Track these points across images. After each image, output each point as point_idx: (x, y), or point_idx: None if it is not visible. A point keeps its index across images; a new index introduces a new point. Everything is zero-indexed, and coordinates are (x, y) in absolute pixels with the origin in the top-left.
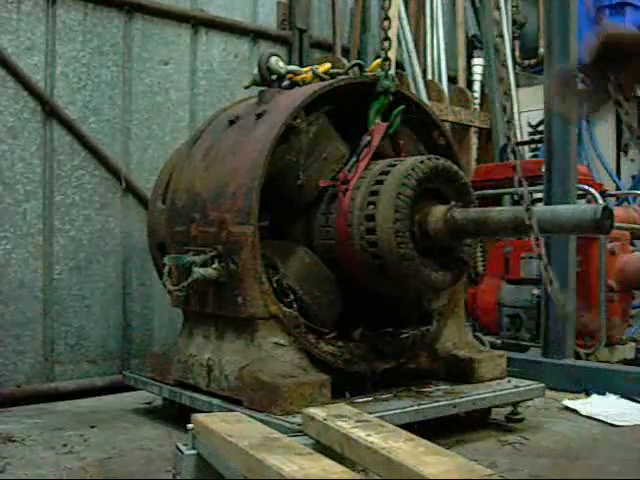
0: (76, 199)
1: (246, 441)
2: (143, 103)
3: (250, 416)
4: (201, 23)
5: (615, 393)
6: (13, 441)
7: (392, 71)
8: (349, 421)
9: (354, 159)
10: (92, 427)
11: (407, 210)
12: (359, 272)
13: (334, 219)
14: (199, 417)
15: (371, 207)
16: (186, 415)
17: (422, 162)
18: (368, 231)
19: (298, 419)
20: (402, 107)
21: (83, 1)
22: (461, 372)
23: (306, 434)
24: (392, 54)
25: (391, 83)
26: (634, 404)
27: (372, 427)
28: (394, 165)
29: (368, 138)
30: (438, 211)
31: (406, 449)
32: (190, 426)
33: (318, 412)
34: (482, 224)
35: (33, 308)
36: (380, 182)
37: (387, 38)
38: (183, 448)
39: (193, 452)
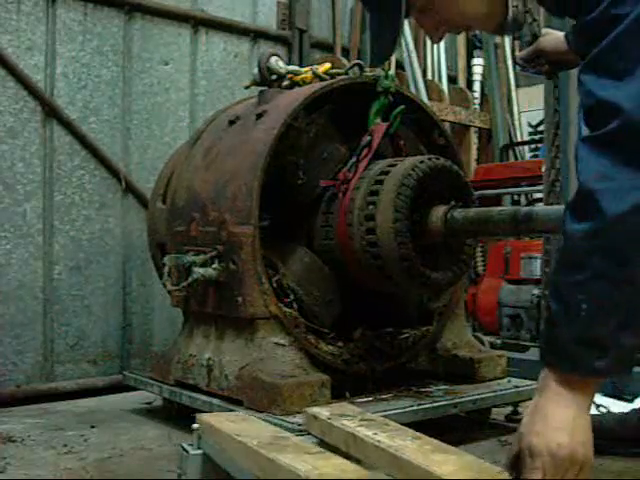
0: (76, 199)
1: (255, 440)
2: (143, 103)
3: (250, 416)
4: (201, 23)
5: (615, 393)
6: (13, 441)
7: (392, 71)
8: (353, 420)
9: (354, 159)
10: (92, 427)
11: (407, 210)
12: (359, 272)
13: (334, 219)
14: (204, 417)
15: (371, 207)
16: (185, 415)
17: (422, 162)
18: (368, 231)
19: (298, 419)
20: (402, 107)
21: (83, 1)
22: (461, 372)
23: (309, 433)
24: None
25: (391, 83)
26: (630, 404)
27: (377, 425)
28: (394, 165)
29: (368, 138)
30: (438, 211)
31: (413, 447)
32: (195, 426)
33: (321, 411)
34: (482, 224)
35: (33, 308)
36: (380, 182)
37: None
38: (189, 448)
39: (199, 452)
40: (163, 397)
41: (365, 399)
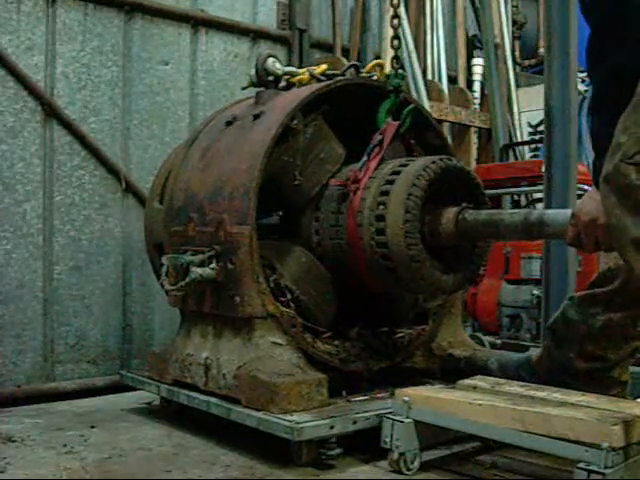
0: (76, 199)
1: (498, 401)
2: (143, 103)
3: (248, 415)
4: (201, 23)
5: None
6: (13, 441)
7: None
8: (509, 386)
9: (365, 158)
10: (92, 427)
11: (417, 211)
12: (368, 272)
13: (344, 219)
14: (408, 391)
15: (381, 207)
16: (185, 414)
17: (434, 162)
18: (378, 232)
19: (296, 417)
20: (413, 106)
21: (83, 1)
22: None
23: None
24: (389, 53)
25: (401, 81)
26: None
27: (533, 388)
28: (405, 165)
29: (380, 137)
30: (449, 212)
31: (589, 399)
32: (406, 398)
33: (481, 383)
34: (493, 226)
35: (33, 308)
36: (391, 182)
37: (396, 37)
38: (400, 418)
39: (410, 420)
40: (160, 396)
41: (361, 397)
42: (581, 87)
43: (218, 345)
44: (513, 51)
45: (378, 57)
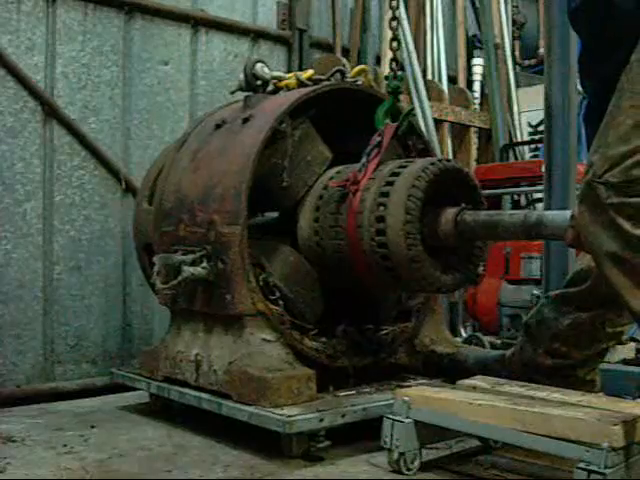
0: (76, 199)
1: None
2: (143, 103)
3: (240, 409)
4: (201, 23)
5: (615, 393)
6: (13, 441)
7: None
8: (509, 386)
9: (364, 160)
10: (92, 427)
11: (418, 212)
12: (368, 273)
13: (344, 220)
14: (409, 391)
15: (381, 208)
16: (174, 411)
17: (432, 164)
18: (378, 232)
19: (286, 411)
20: (411, 107)
21: (83, 1)
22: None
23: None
24: (388, 55)
25: (399, 83)
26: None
27: (533, 388)
28: (404, 166)
29: (378, 139)
30: (448, 213)
31: (589, 399)
32: (406, 398)
33: (481, 383)
34: (493, 227)
35: (33, 308)
36: (390, 183)
37: (395, 38)
38: (398, 418)
39: (410, 420)
40: (150, 393)
41: (348, 392)
42: (581, 87)
43: (209, 342)
44: (513, 51)
45: (378, 57)
